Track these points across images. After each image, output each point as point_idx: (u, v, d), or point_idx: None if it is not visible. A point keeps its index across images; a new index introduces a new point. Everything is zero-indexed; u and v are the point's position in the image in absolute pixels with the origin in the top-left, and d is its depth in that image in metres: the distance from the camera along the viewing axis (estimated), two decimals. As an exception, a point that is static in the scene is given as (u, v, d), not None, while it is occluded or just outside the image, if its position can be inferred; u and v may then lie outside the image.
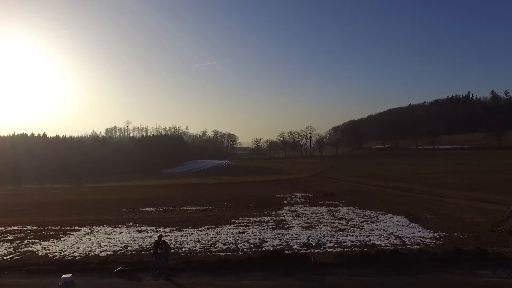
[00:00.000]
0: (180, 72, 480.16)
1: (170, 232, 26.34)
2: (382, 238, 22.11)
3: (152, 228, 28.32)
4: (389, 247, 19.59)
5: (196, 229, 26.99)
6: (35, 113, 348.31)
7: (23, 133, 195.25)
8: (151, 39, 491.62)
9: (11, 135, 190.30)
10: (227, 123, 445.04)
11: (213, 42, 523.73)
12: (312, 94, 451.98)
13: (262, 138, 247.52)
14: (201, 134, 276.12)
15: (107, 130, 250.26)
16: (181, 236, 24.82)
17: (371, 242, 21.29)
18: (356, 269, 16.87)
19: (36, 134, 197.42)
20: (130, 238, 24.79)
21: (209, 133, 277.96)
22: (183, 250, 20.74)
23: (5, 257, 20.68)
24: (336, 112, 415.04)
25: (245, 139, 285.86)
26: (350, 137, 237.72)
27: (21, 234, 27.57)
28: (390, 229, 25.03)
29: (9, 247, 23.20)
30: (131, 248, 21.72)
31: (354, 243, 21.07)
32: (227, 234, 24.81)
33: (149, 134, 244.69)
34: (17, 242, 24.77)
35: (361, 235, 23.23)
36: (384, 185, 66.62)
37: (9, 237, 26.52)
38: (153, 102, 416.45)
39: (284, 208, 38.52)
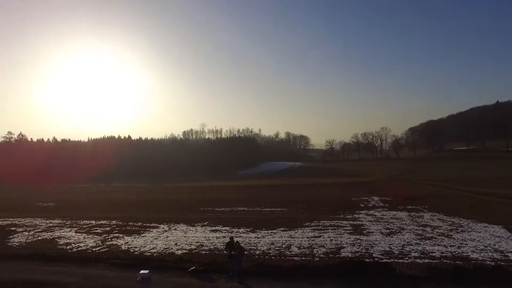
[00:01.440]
0: (253, 78, 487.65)
1: (244, 233, 26.18)
2: (478, 251, 19.45)
3: (227, 228, 28.47)
4: (488, 262, 17.12)
5: (270, 231, 26.49)
6: (120, 117, 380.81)
7: (111, 136, 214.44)
8: (219, 46, 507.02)
9: (101, 138, 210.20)
10: (299, 125, 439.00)
11: (280, 45, 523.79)
12: (385, 94, 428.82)
13: (335, 139, 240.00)
14: (273, 136, 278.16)
15: (184, 133, 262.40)
16: (255, 237, 24.48)
17: (464, 254, 18.84)
18: (448, 285, 14.89)
19: (122, 137, 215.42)
20: (205, 237, 25.11)
21: (282, 135, 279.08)
22: (257, 252, 20.29)
23: (93, 249, 22.24)
24: (412, 112, 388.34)
25: (317, 141, 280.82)
26: (429, 138, 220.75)
27: (108, 228, 29.61)
28: (487, 240, 22.05)
29: (98, 240, 25.03)
30: (205, 248, 21.89)
31: (444, 254, 18.82)
32: (302, 238, 23.90)
33: (223, 136, 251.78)
34: (104, 235, 26.56)
35: (451, 246, 20.75)
36: (473, 190, 60.20)
37: (98, 230, 28.62)
38: (226, 105, 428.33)
39: (361, 212, 36.50)
